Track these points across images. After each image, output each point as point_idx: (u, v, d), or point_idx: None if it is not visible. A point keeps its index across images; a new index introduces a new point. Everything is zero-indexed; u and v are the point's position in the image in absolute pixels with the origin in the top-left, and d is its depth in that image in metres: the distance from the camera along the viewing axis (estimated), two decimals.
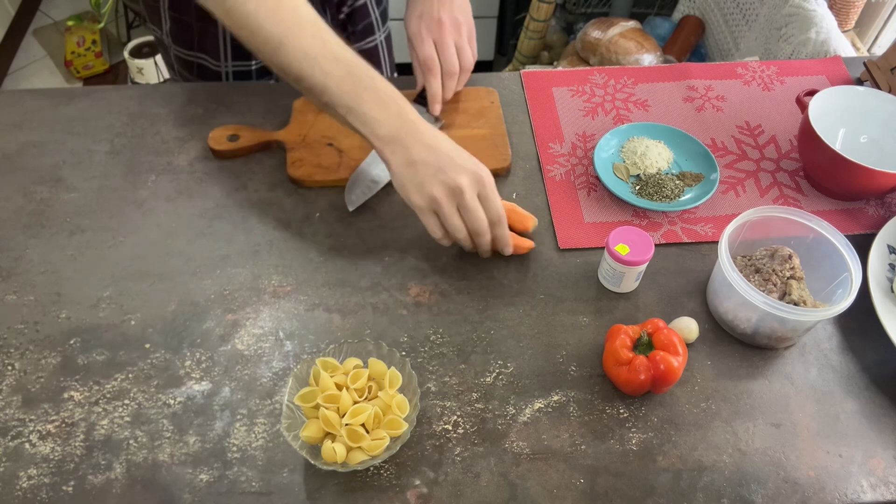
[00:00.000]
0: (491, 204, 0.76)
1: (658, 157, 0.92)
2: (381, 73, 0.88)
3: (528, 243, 0.83)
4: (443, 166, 0.74)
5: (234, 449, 0.69)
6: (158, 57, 2.38)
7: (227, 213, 0.87)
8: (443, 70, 0.92)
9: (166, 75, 2.40)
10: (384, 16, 1.23)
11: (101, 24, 2.51)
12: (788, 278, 0.76)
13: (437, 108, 0.93)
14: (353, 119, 0.75)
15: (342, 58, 0.75)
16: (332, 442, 0.64)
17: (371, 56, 1.20)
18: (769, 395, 0.74)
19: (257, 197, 0.89)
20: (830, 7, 1.60)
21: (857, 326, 0.79)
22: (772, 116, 1.01)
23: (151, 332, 0.76)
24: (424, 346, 0.76)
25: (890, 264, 0.81)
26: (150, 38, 2.42)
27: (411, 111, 0.76)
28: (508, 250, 0.81)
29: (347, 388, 0.67)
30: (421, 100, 0.95)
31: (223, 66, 1.07)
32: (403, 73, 1.21)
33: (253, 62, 1.08)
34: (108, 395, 0.72)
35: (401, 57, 1.21)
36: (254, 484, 0.67)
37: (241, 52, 1.06)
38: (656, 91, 1.04)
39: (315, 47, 0.74)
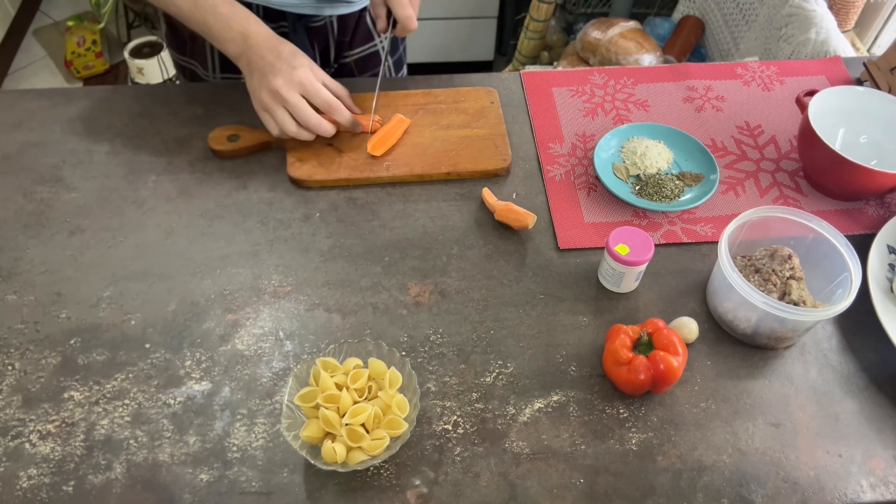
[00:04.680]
0: (315, 97, 0.86)
1: (658, 157, 0.92)
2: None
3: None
4: (266, 72, 0.84)
5: (235, 449, 0.69)
6: (159, 57, 2.38)
7: (227, 213, 0.87)
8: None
9: (167, 74, 2.40)
10: (398, 64, 1.22)
11: (102, 25, 2.51)
12: (788, 278, 0.76)
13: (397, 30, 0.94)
14: (212, 42, 0.89)
15: None
16: (332, 442, 0.64)
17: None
18: (769, 395, 0.74)
19: (257, 197, 0.89)
20: (830, 7, 1.60)
21: (856, 326, 0.79)
22: (772, 116, 1.01)
23: (151, 332, 0.76)
24: (424, 346, 0.76)
25: (890, 264, 0.81)
26: (151, 38, 2.42)
27: (254, 28, 0.86)
28: (358, 128, 0.92)
29: (347, 388, 0.67)
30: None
31: (211, 76, 1.08)
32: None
33: (241, 76, 1.08)
34: (108, 395, 0.72)
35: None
36: (254, 484, 0.67)
37: (228, 63, 1.06)
38: (656, 91, 1.04)
39: None
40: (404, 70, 1.27)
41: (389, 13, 0.94)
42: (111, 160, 0.92)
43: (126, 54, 2.40)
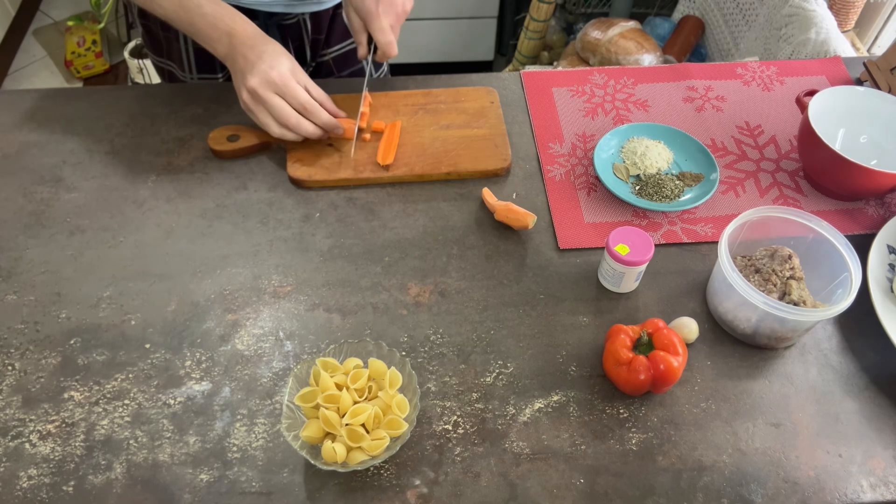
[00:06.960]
0: (291, 97, 0.85)
1: (658, 157, 0.92)
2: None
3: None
4: (245, 71, 0.84)
5: (235, 449, 0.69)
6: None
7: (227, 213, 0.87)
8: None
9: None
10: (377, 64, 1.22)
11: (102, 24, 2.51)
12: (788, 278, 0.76)
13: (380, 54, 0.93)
14: (200, 43, 0.88)
15: None
16: (332, 442, 0.64)
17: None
18: (769, 395, 0.74)
19: (257, 197, 0.89)
20: (830, 7, 1.60)
21: (856, 326, 0.79)
22: (772, 116, 1.01)
23: (151, 332, 0.76)
24: (424, 346, 0.76)
25: (890, 264, 0.81)
26: None
27: (240, 27, 0.86)
28: (338, 131, 0.90)
29: (347, 388, 0.67)
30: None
31: (188, 76, 1.08)
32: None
33: (219, 75, 1.09)
34: (109, 395, 0.72)
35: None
36: (254, 484, 0.67)
37: (204, 64, 1.07)
38: (656, 91, 1.04)
39: None
40: (385, 68, 1.26)
41: (370, 38, 0.93)
42: (111, 160, 0.92)
43: (126, 54, 2.40)
